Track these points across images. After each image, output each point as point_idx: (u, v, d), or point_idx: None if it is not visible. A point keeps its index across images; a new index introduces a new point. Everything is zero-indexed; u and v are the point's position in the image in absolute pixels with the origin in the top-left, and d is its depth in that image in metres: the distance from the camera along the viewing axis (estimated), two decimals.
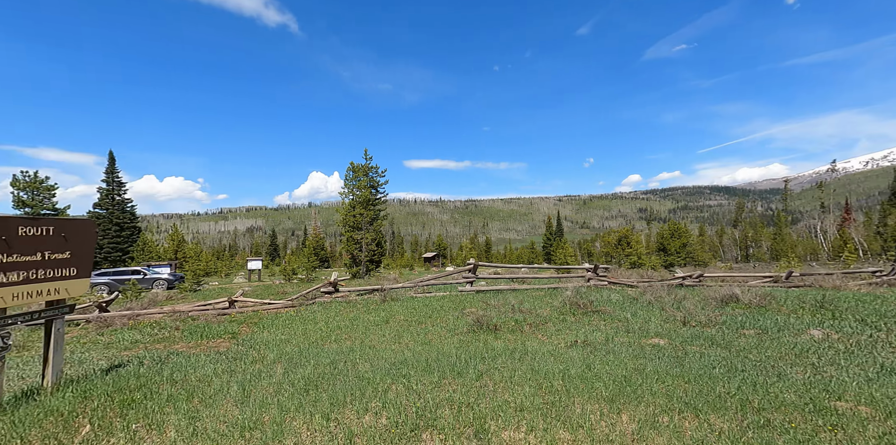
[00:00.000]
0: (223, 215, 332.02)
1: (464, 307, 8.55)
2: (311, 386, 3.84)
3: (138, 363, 4.93)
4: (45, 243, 3.88)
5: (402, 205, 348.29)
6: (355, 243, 22.52)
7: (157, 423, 3.15)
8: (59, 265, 4.00)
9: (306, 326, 7.35)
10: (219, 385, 3.91)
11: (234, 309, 9.04)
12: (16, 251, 3.64)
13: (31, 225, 3.79)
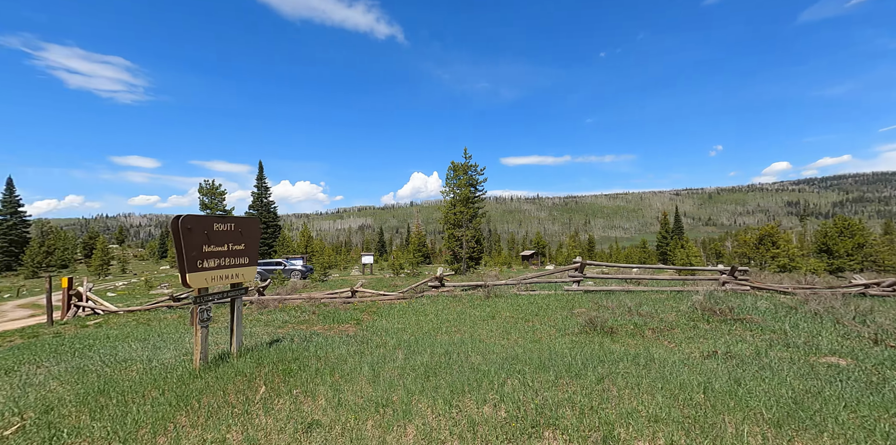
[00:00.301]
0: (339, 215, 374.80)
1: (572, 307, 8.15)
2: (431, 373, 4.08)
3: (290, 339, 5.90)
4: (229, 237, 4.89)
5: (498, 203, 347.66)
6: (456, 241, 23.29)
7: (311, 391, 3.71)
8: (238, 255, 5.00)
9: (418, 317, 7.88)
10: (353, 365, 4.43)
11: (355, 299, 10.22)
12: (213, 243, 4.67)
13: (221, 222, 4.82)
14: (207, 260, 4.61)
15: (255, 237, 5.27)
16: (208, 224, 4.66)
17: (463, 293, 10.35)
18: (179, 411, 3.49)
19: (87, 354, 5.91)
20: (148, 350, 5.73)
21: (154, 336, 6.96)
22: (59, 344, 6.96)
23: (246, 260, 5.12)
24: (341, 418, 3.22)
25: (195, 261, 4.46)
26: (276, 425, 3.19)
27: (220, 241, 4.77)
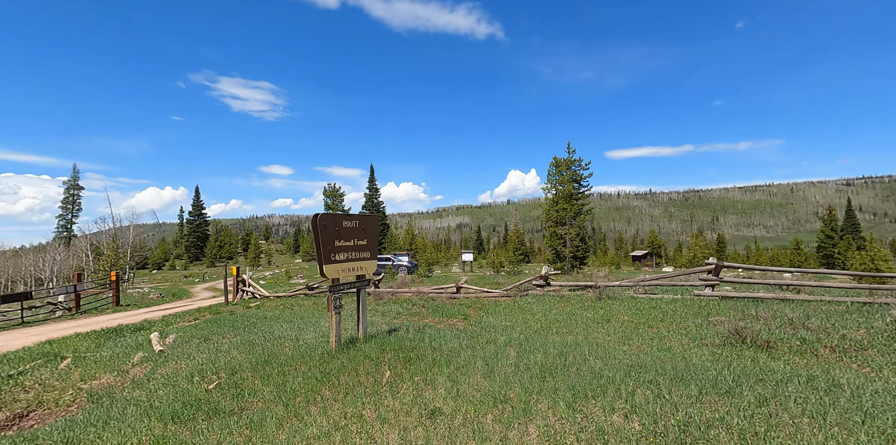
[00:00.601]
0: (438, 214, 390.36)
1: (707, 314, 7.00)
2: (547, 373, 3.91)
3: (406, 330, 6.32)
4: (355, 233, 5.45)
5: (602, 199, 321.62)
6: (558, 239, 22.24)
7: (430, 380, 3.88)
8: (362, 249, 5.54)
9: (525, 315, 7.72)
10: (466, 358, 4.51)
11: (460, 294, 10.52)
12: (342, 238, 5.26)
13: (348, 220, 5.39)
14: (338, 253, 5.20)
15: (375, 233, 5.77)
16: (338, 221, 5.25)
17: (570, 294, 9.79)
18: (324, 385, 4.01)
19: (252, 330, 7.23)
20: (294, 331, 6.74)
21: (297, 319, 8.18)
22: (233, 321, 8.69)
23: (368, 254, 5.64)
24: (461, 408, 3.29)
25: (329, 254, 5.07)
26: (402, 408, 3.41)
27: (347, 236, 5.34)
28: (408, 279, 15.44)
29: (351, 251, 5.37)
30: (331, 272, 5.06)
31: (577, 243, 22.09)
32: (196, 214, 69.79)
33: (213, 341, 6.81)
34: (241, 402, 3.99)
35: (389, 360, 4.50)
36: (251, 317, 9.06)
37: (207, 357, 5.69)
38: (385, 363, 4.42)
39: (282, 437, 3.16)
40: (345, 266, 5.27)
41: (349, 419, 3.32)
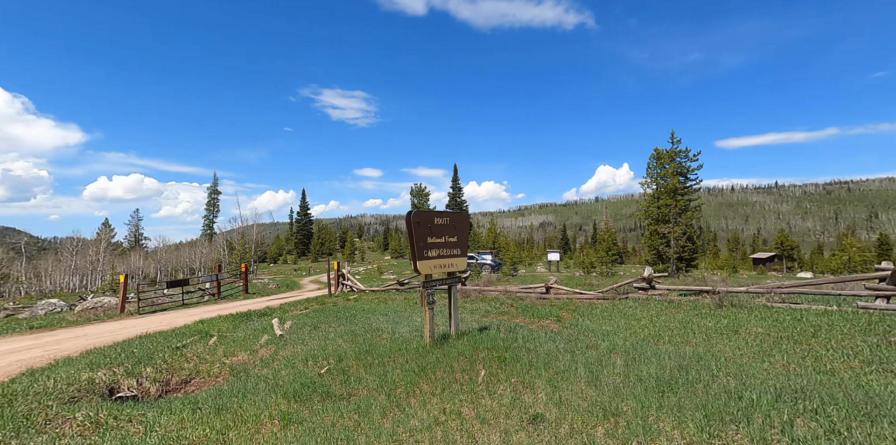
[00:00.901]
0: (520, 212, 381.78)
1: (884, 332, 5.50)
2: (666, 388, 3.42)
3: (496, 328, 6.20)
4: (446, 230, 5.49)
5: (711, 194, 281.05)
6: (660, 238, 19.90)
7: (528, 383, 3.69)
8: (452, 246, 5.56)
9: (628, 321, 6.99)
10: (566, 363, 4.20)
11: (550, 295, 10.04)
12: (434, 235, 5.33)
13: (440, 217, 5.45)
14: (430, 250, 5.28)
15: (465, 231, 5.75)
16: (431, 218, 5.34)
17: (681, 299, 8.61)
18: (422, 378, 4.08)
19: (353, 321, 7.81)
20: (390, 324, 7.09)
21: (391, 313, 8.63)
22: (336, 311, 9.53)
23: (458, 251, 5.63)
24: (566, 417, 3.04)
25: (422, 250, 5.18)
26: (501, 409, 3.28)
27: (439, 233, 5.39)
28: (493, 277, 15.32)
29: (442, 248, 5.42)
30: (424, 268, 5.16)
31: (683, 243, 19.42)
32: (302, 214, 79.15)
33: (322, 329, 7.51)
34: (349, 388, 4.27)
35: (483, 359, 4.41)
36: (351, 309, 9.82)
37: (318, 344, 6.28)
38: (479, 362, 4.35)
39: (386, 426, 3.27)
40: (436, 263, 5.33)
41: (448, 415, 3.31)
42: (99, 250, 43.86)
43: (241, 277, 17.62)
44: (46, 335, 9.80)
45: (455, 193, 42.33)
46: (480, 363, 4.31)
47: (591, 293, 9.75)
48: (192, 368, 6.60)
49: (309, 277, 37.68)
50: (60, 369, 5.88)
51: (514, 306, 8.91)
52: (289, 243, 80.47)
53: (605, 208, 58.42)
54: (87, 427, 3.70)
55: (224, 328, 9.09)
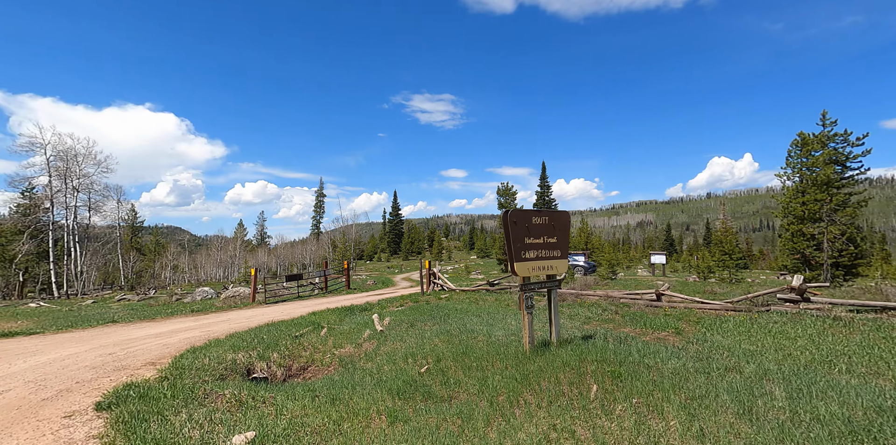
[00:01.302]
0: (614, 211, 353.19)
1: None
2: (864, 437, 2.61)
3: (602, 338, 5.63)
4: (545, 230, 5.14)
5: (875, 186, 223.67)
6: (806, 240, 16.23)
7: (655, 406, 3.18)
8: (552, 247, 5.18)
9: (777, 340, 5.74)
10: (701, 387, 3.54)
11: (662, 303, 8.86)
12: (532, 235, 5.03)
13: (538, 216, 5.13)
14: (528, 251, 4.99)
15: (565, 231, 5.32)
16: (528, 218, 5.05)
17: (852, 316, 6.80)
18: (525, 387, 3.85)
19: (447, 321, 7.89)
20: (484, 325, 6.97)
21: (484, 314, 8.51)
22: (430, 310, 9.78)
23: (559, 253, 5.23)
24: None
25: (520, 251, 4.92)
26: (624, 435, 2.87)
27: (537, 234, 5.07)
28: (590, 280, 14.19)
29: (541, 249, 5.08)
30: (521, 270, 4.90)
31: (840, 246, 15.44)
32: (394, 214, 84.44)
33: (418, 327, 7.72)
34: (449, 390, 4.23)
35: (594, 372, 3.98)
36: (443, 308, 9.98)
37: (415, 342, 6.45)
38: (589, 375, 3.93)
39: (491, 435, 3.12)
40: (535, 265, 5.02)
41: (560, 432, 3.02)
42: (236, 246, 52.72)
43: (343, 273, 19.38)
44: (202, 317, 11.95)
45: (543, 191, 40.73)
46: (590, 377, 3.89)
47: (716, 302, 8.31)
48: (308, 356, 7.32)
49: (401, 274, 39.90)
50: (212, 349, 7.01)
51: (620, 313, 8.06)
52: (382, 241, 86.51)
53: (722, 204, 49.76)
54: (233, 403, 4.28)
55: (332, 320, 9.98)
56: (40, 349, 7.75)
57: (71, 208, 31.86)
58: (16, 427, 3.97)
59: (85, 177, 32.24)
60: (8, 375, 5.99)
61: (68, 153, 31.09)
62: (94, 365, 6.41)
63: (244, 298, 16.60)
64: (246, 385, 5.05)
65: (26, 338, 9.42)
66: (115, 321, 11.58)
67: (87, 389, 5.19)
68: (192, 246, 67.86)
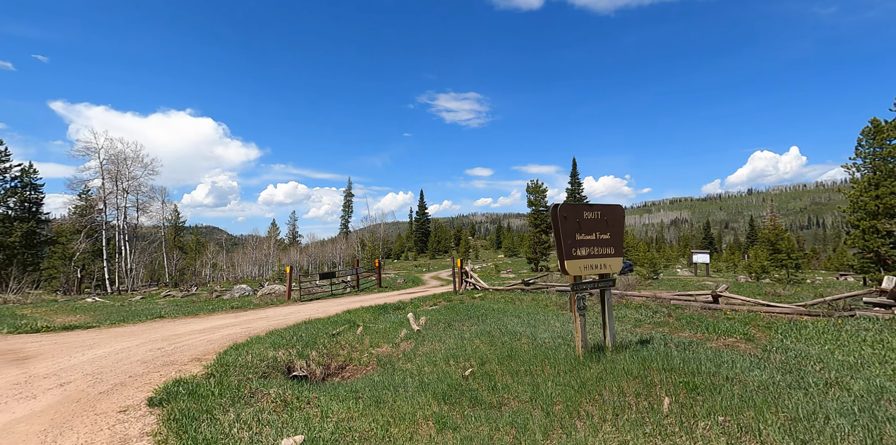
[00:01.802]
0: (646, 209, 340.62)
1: None
2: None
3: (662, 343, 5.19)
4: (597, 225, 4.77)
5: None
6: (881, 236, 14.70)
7: (748, 427, 2.79)
8: (605, 244, 4.81)
9: (876, 350, 5.03)
10: (804, 406, 3.08)
11: (720, 305, 8.18)
12: (584, 231, 4.68)
13: (589, 210, 4.76)
14: (579, 248, 4.65)
15: (619, 226, 4.92)
16: (579, 212, 4.70)
17: None
18: (583, 397, 3.53)
19: (486, 321, 7.63)
20: (526, 327, 6.66)
21: (523, 314, 8.19)
22: (465, 309, 9.55)
23: (612, 250, 4.85)
24: None
25: (570, 249, 4.58)
26: None
27: (589, 229, 4.71)
28: (631, 280, 13.50)
29: (593, 246, 4.72)
30: (572, 269, 4.56)
31: None
32: (420, 213, 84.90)
33: (455, 327, 7.50)
34: (497, 396, 3.97)
35: (662, 382, 3.61)
36: (479, 308, 9.71)
37: (455, 343, 6.23)
38: (658, 386, 3.56)
39: None
40: (587, 263, 4.66)
41: None
42: (269, 245, 54.64)
43: (374, 271, 19.50)
44: (242, 314, 12.28)
45: (574, 188, 39.53)
46: (660, 388, 3.52)
47: (785, 306, 7.55)
48: (346, 355, 7.26)
49: (429, 273, 39.94)
50: (254, 346, 7.08)
51: (673, 316, 7.49)
52: (408, 240, 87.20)
53: (770, 200, 45.70)
54: (278, 403, 4.22)
55: (367, 318, 9.94)
56: (97, 343, 8.12)
57: (121, 209, 33.99)
58: (76, 420, 4.06)
59: (133, 179, 34.29)
60: (69, 367, 6.27)
61: (119, 157, 33.17)
62: (145, 360, 6.61)
63: (280, 295, 17.00)
64: (289, 384, 5.00)
65: (84, 331, 9.97)
66: (161, 317, 12.09)
67: (140, 383, 5.31)
68: (229, 245, 71.08)
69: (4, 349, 7.93)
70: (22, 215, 32.27)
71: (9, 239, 30.31)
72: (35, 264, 32.71)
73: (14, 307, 17.45)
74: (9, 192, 31.92)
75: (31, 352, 7.52)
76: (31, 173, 33.11)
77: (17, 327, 10.25)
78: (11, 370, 6.26)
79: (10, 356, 7.23)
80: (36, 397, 4.92)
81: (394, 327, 8.39)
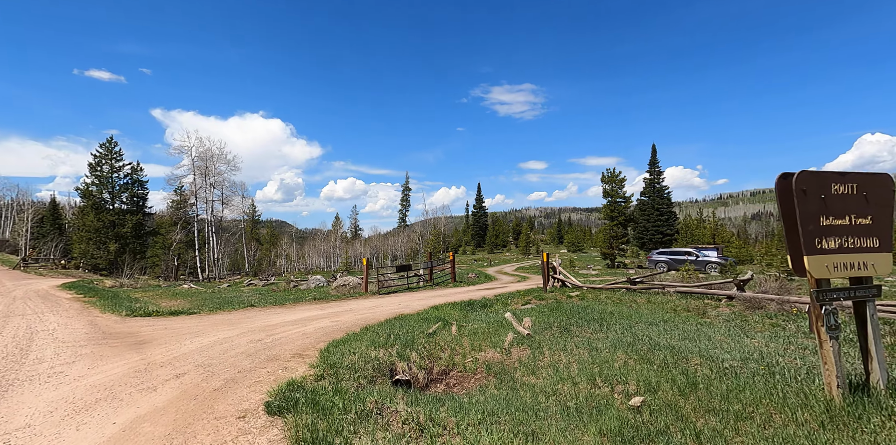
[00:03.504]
0: (722, 201, 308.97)
1: None
2: None
3: None
4: (852, 205, 3.34)
5: None
6: None
7: None
8: (863, 233, 3.36)
9: None
10: None
11: None
12: (831, 213, 3.28)
13: (840, 182, 3.33)
14: (826, 239, 3.26)
15: (888, 206, 3.43)
16: (825, 184, 3.29)
17: None
18: None
19: (610, 327, 6.39)
20: (678, 339, 5.34)
21: (658, 322, 6.80)
22: (572, 311, 8.33)
23: (876, 242, 3.38)
24: None
25: (813, 239, 3.21)
26: None
27: (839, 211, 3.30)
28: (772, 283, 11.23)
29: (847, 236, 3.30)
30: (816, 268, 3.19)
31: None
32: (478, 207, 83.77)
33: (574, 333, 6.36)
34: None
35: None
36: (589, 309, 8.45)
37: (588, 355, 5.10)
38: None
39: None
40: (838, 260, 3.26)
41: None
42: (336, 238, 57.08)
43: (448, 265, 18.87)
44: (326, 306, 12.18)
45: (653, 178, 35.59)
46: None
47: None
48: (448, 358, 6.45)
49: (491, 268, 38.83)
50: (353, 343, 6.54)
51: None
52: (465, 234, 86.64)
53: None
54: (412, 426, 3.43)
55: (456, 316, 9.13)
56: (201, 330, 8.19)
57: (209, 203, 37.15)
58: (197, 425, 3.62)
59: (218, 174, 37.27)
60: (181, 356, 6.16)
61: (206, 154, 36.18)
62: (249, 352, 6.34)
63: (353, 287, 16.97)
64: (412, 398, 4.25)
65: (188, 317, 10.34)
66: (252, 306, 12.36)
67: (250, 381, 4.91)
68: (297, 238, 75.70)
69: (126, 332, 8.27)
70: (132, 209, 36.52)
71: (122, 230, 34.42)
72: (142, 252, 36.96)
73: (128, 291, 19.41)
74: (122, 188, 36.24)
75: (146, 337, 7.71)
76: (139, 171, 37.31)
77: (132, 310, 10.95)
78: (133, 355, 6.30)
79: (131, 340, 7.44)
80: (156, 389, 4.68)
81: (493, 328, 7.45)
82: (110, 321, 9.80)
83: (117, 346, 6.95)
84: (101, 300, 13.74)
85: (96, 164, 35.19)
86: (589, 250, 64.98)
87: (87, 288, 18.30)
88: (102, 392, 4.58)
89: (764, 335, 5.73)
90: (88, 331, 8.28)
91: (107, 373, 5.32)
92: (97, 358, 6.04)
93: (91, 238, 33.12)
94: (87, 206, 34.12)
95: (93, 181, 34.95)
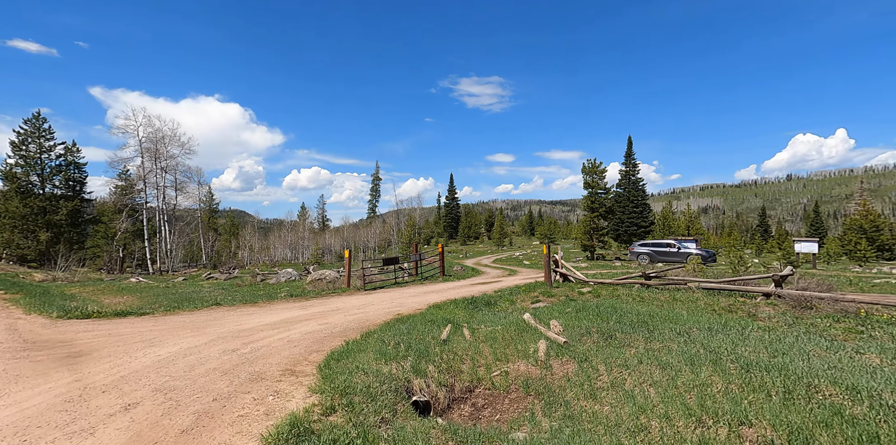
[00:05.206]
0: (675, 195, 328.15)
1: None
2: None
3: None
4: None
5: None
6: None
7: None
8: None
9: None
10: None
11: None
12: None
13: None
14: None
15: None
16: None
17: None
18: None
19: (662, 334, 5.62)
20: (769, 355, 4.59)
21: (716, 326, 6.08)
22: (598, 311, 7.55)
23: None
24: None
25: None
26: None
27: None
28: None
29: None
30: None
31: None
32: (450, 198, 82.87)
33: (623, 342, 5.52)
34: None
35: None
36: (616, 309, 7.71)
37: (662, 376, 4.20)
38: None
39: None
40: None
41: None
42: (303, 228, 54.17)
43: (430, 258, 17.78)
44: (306, 304, 10.75)
45: (629, 170, 36.07)
46: None
47: None
48: (470, 372, 5.43)
49: (468, 259, 38.11)
50: (357, 356, 5.39)
51: None
52: (437, 226, 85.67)
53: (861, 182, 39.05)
54: None
55: (462, 316, 8.13)
56: (157, 338, 6.67)
57: (160, 189, 33.55)
58: None
59: (171, 158, 33.66)
60: (131, 374, 4.75)
61: (156, 135, 32.48)
62: (224, 369, 5.01)
63: (331, 281, 15.52)
64: (453, 433, 3.20)
65: (138, 319, 8.65)
66: (218, 304, 10.73)
67: (232, 415, 3.66)
68: (260, 229, 71.41)
69: (56, 339, 6.60)
70: (67, 194, 32.31)
71: (55, 217, 30.38)
72: (80, 242, 32.95)
73: (63, 285, 16.80)
74: (54, 170, 31.89)
75: (84, 346, 6.12)
76: (75, 152, 32.93)
77: (66, 310, 9.07)
78: (63, 374, 4.79)
79: (62, 351, 5.82)
80: (94, 432, 3.35)
81: (512, 332, 6.49)
82: (36, 324, 7.96)
83: (42, 360, 5.37)
84: (26, 297, 11.53)
85: (20, 142, 30.64)
86: (561, 241, 66.09)
87: (11, 283, 15.60)
88: (11, 439, 3.19)
89: (869, 347, 5.05)
90: (4, 339, 6.55)
91: (22, 405, 3.87)
92: (10, 381, 4.53)
93: (16, 226, 28.96)
94: (11, 190, 29.74)
95: (16, 162, 30.46)
